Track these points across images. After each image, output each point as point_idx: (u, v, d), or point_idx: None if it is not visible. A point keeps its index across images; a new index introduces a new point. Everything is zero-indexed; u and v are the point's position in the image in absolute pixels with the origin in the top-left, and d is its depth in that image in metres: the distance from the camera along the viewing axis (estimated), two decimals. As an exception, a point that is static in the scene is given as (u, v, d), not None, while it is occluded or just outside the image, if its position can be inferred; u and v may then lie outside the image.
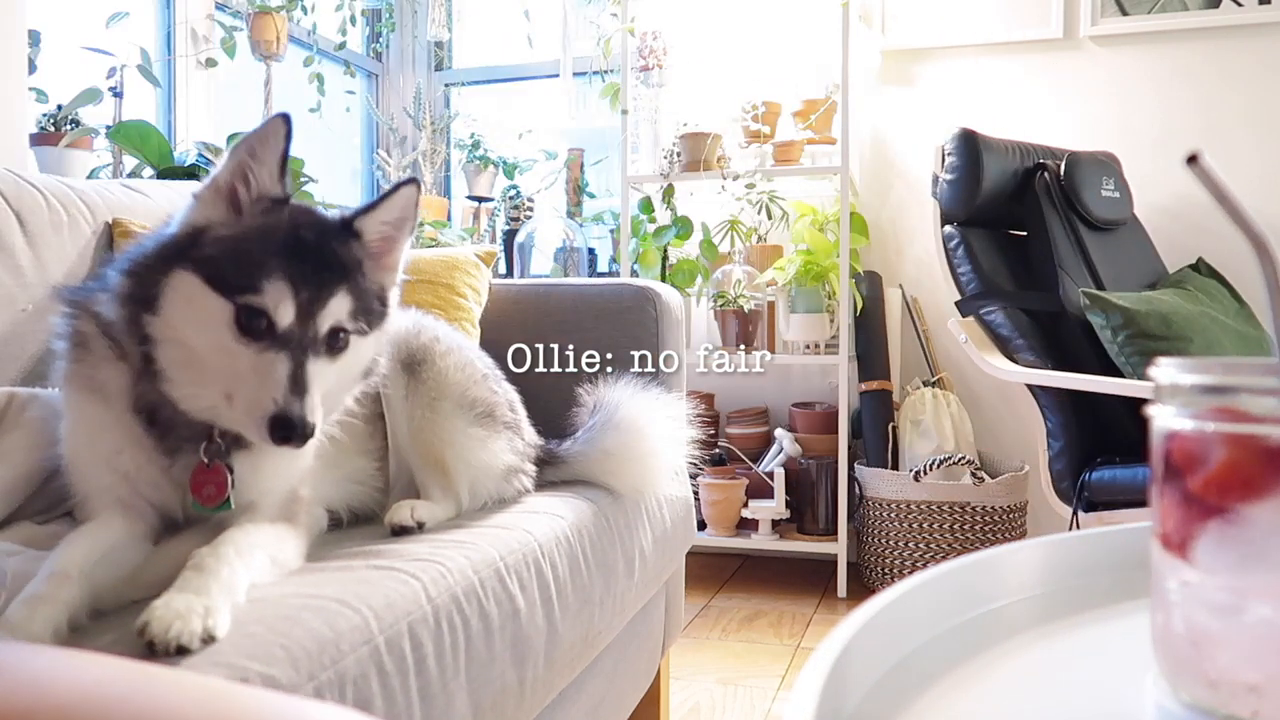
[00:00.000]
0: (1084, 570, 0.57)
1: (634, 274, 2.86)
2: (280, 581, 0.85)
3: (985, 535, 2.49)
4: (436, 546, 0.99)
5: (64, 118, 2.18)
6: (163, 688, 0.38)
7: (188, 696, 0.39)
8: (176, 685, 0.40)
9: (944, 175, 2.42)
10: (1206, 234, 2.62)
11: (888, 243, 2.98)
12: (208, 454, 0.89)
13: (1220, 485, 0.37)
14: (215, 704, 0.38)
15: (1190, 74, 2.75)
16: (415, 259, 1.70)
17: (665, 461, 1.39)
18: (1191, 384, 0.38)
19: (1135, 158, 2.67)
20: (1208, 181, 0.41)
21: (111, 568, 0.81)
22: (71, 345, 0.92)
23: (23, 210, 1.36)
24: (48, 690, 0.36)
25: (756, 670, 2.09)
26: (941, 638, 0.49)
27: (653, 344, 1.63)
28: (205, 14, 2.73)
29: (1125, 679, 0.44)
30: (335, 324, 0.89)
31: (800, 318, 2.74)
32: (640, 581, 1.38)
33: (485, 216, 3.32)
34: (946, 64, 2.93)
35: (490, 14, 3.57)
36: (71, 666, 0.39)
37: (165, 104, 2.66)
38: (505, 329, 1.68)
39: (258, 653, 0.69)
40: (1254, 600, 0.36)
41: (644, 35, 2.98)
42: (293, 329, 0.86)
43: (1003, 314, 2.31)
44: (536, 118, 3.49)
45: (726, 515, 2.72)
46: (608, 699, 1.36)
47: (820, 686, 0.37)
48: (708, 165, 2.81)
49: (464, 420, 1.21)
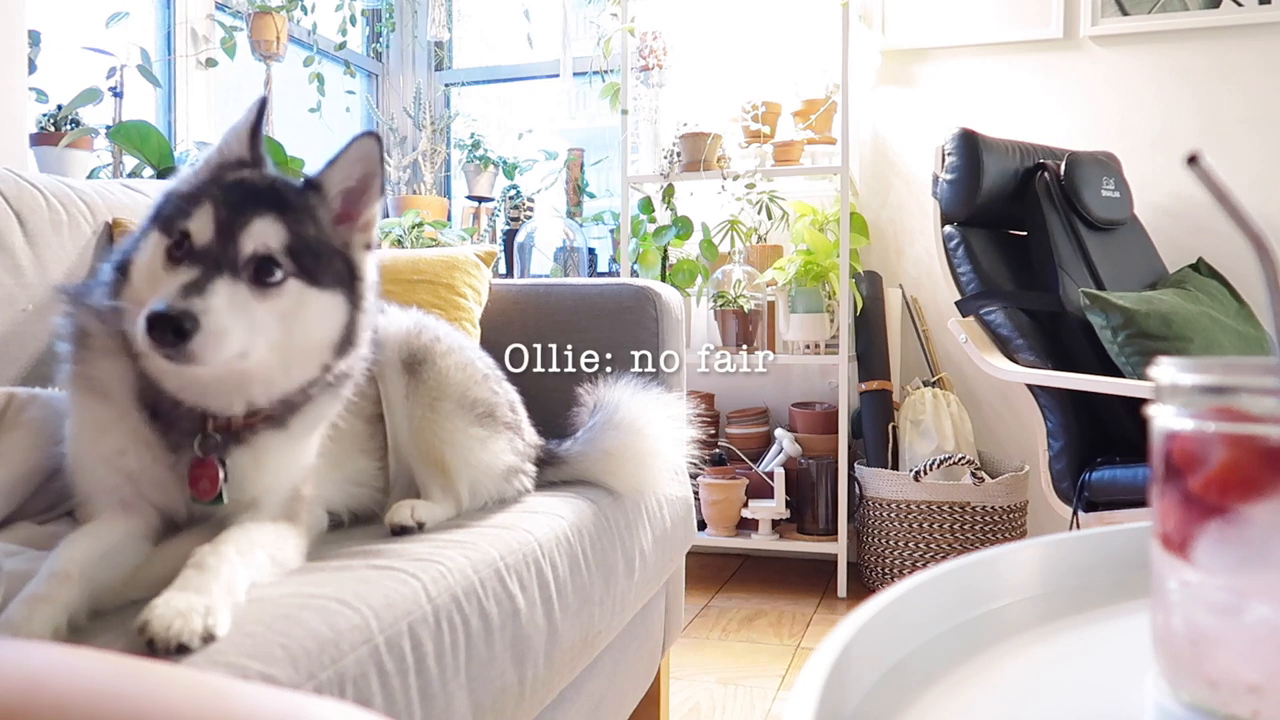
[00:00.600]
0: (1084, 570, 0.57)
1: (634, 274, 2.86)
2: (280, 581, 0.85)
3: (985, 535, 2.49)
4: (436, 546, 0.99)
5: (64, 118, 2.18)
6: (161, 683, 0.38)
7: (186, 692, 0.39)
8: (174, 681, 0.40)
9: (944, 175, 2.42)
10: (1206, 234, 2.62)
11: (888, 243, 2.98)
12: (202, 447, 0.89)
13: (1220, 485, 0.37)
14: (213, 699, 0.38)
15: (1190, 74, 2.75)
16: (415, 259, 1.70)
17: (665, 461, 1.39)
18: (1191, 384, 0.38)
19: (1135, 158, 2.67)
20: (1208, 181, 0.41)
21: (112, 568, 0.81)
22: (74, 344, 0.92)
23: (23, 210, 1.36)
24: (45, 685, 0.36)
25: (756, 670, 2.09)
26: (941, 638, 0.49)
27: (653, 344, 1.63)
28: (205, 14, 2.73)
29: (1125, 679, 0.44)
30: (261, 249, 0.85)
31: (800, 318, 2.74)
32: (640, 581, 1.38)
33: (485, 216, 3.32)
34: (946, 64, 2.93)
35: (490, 14, 3.57)
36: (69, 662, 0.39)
37: (165, 104, 2.66)
38: (505, 329, 1.68)
39: (258, 652, 0.69)
40: (1254, 600, 0.36)
41: (644, 35, 2.98)
42: (210, 246, 0.84)
43: (1003, 314, 2.31)
44: (536, 118, 3.49)
45: (726, 515, 2.72)
46: (608, 699, 1.36)
47: (820, 686, 0.37)
48: (708, 165, 2.81)
49: (465, 420, 1.21)
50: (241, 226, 0.85)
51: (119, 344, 0.89)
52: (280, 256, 0.86)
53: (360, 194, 0.96)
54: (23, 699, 0.35)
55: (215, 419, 0.89)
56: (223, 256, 0.84)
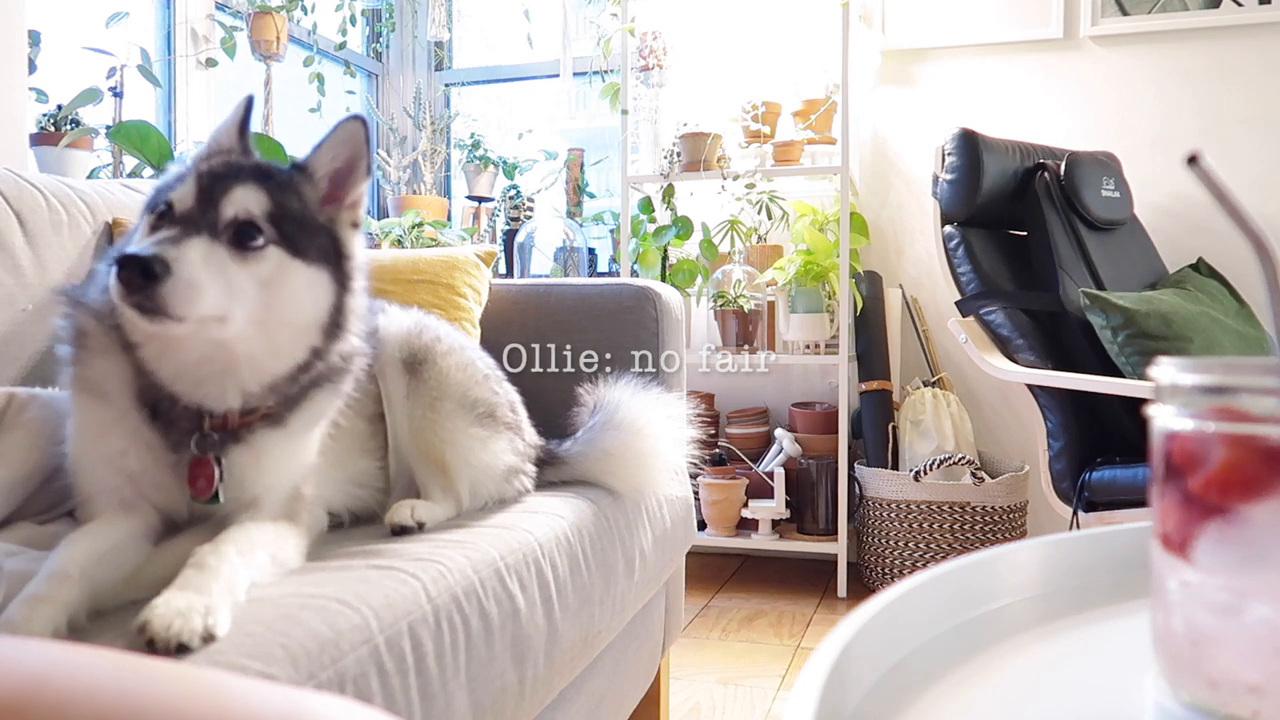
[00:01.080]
0: (1084, 570, 0.57)
1: (634, 274, 2.86)
2: (280, 581, 0.85)
3: (985, 535, 2.49)
4: (436, 546, 0.99)
5: (64, 118, 2.18)
6: (162, 681, 0.38)
7: (186, 689, 0.39)
8: (175, 678, 0.40)
9: (944, 175, 2.42)
10: (1206, 234, 2.62)
11: (888, 243, 2.98)
12: (199, 446, 0.89)
13: (1220, 485, 0.37)
14: (213, 696, 0.38)
15: (1190, 74, 2.75)
16: (415, 259, 1.70)
17: (665, 461, 1.39)
18: (1191, 384, 0.38)
19: (1135, 158, 2.67)
20: (1208, 182, 0.41)
21: (112, 567, 0.81)
22: (73, 345, 0.92)
23: (23, 210, 1.36)
24: (45, 683, 0.36)
25: (756, 670, 2.09)
26: (941, 638, 0.49)
27: (653, 344, 1.63)
28: (205, 14, 2.73)
29: (1125, 679, 0.44)
30: (242, 214, 0.85)
31: (800, 318, 2.74)
32: (640, 581, 1.38)
33: (485, 216, 3.32)
34: (946, 64, 2.93)
35: (490, 14, 3.57)
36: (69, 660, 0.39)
37: (165, 104, 2.66)
38: (505, 329, 1.68)
39: (258, 652, 0.69)
40: (1254, 600, 0.36)
41: (644, 35, 2.98)
42: (191, 211, 0.85)
43: (1003, 314, 2.31)
44: (536, 118, 3.49)
45: (726, 515, 2.72)
46: (608, 699, 1.36)
47: (820, 686, 0.37)
48: (708, 165, 2.81)
49: (465, 420, 1.20)
50: (223, 193, 0.86)
51: (117, 343, 0.89)
52: (261, 222, 0.87)
53: (347, 175, 0.97)
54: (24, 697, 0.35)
55: (212, 417, 0.89)
56: (202, 219, 0.85)
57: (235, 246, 0.85)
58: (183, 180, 0.88)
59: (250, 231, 0.86)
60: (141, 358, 0.88)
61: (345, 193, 0.97)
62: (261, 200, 0.87)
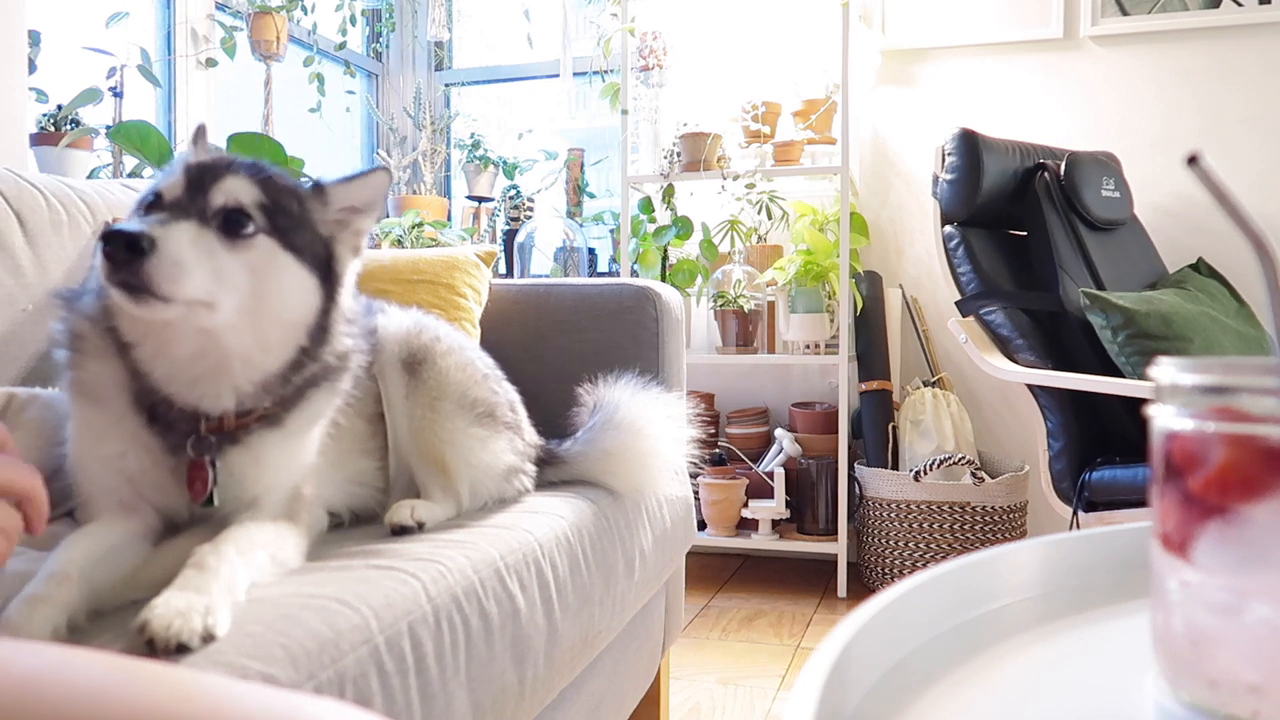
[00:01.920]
0: (1084, 570, 0.57)
1: (634, 274, 2.86)
2: (280, 581, 0.85)
3: (985, 535, 2.49)
4: (436, 546, 0.99)
5: (64, 118, 2.18)
6: (159, 684, 0.38)
7: (183, 692, 0.38)
8: (172, 681, 0.40)
9: (944, 175, 2.42)
10: (1206, 234, 2.62)
11: (888, 243, 2.98)
12: (195, 449, 0.89)
13: (1220, 485, 0.37)
14: (210, 700, 0.38)
15: (1190, 74, 2.75)
16: (415, 259, 1.70)
17: (665, 461, 1.39)
18: (1191, 384, 0.38)
19: (1135, 158, 2.67)
20: (1208, 182, 0.41)
21: (111, 568, 0.81)
22: (69, 349, 0.92)
23: (23, 210, 1.36)
24: (43, 686, 0.36)
25: (756, 670, 2.09)
26: (941, 638, 0.49)
27: (653, 344, 1.63)
28: (205, 14, 2.73)
29: (1125, 679, 0.44)
30: (231, 202, 0.86)
31: (800, 318, 2.74)
32: (640, 581, 1.38)
33: (485, 216, 3.32)
34: (946, 64, 2.93)
35: (490, 14, 3.57)
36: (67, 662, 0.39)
37: (165, 104, 2.66)
38: (505, 329, 1.68)
39: (258, 652, 0.69)
40: (1254, 600, 0.36)
41: (644, 35, 2.98)
42: (180, 199, 0.85)
43: (1003, 314, 2.31)
44: (536, 118, 3.49)
45: (726, 515, 2.72)
46: (608, 699, 1.36)
47: (820, 686, 0.37)
48: (708, 165, 2.81)
49: (465, 420, 1.20)
50: (213, 181, 0.86)
51: (112, 346, 0.89)
52: (252, 210, 0.87)
53: (359, 212, 0.99)
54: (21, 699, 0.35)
55: (208, 419, 0.89)
56: (191, 206, 0.85)
57: (225, 234, 0.85)
58: (171, 174, 0.88)
59: (240, 219, 0.86)
60: (136, 359, 0.87)
61: (351, 225, 0.99)
62: (252, 191, 0.88)
